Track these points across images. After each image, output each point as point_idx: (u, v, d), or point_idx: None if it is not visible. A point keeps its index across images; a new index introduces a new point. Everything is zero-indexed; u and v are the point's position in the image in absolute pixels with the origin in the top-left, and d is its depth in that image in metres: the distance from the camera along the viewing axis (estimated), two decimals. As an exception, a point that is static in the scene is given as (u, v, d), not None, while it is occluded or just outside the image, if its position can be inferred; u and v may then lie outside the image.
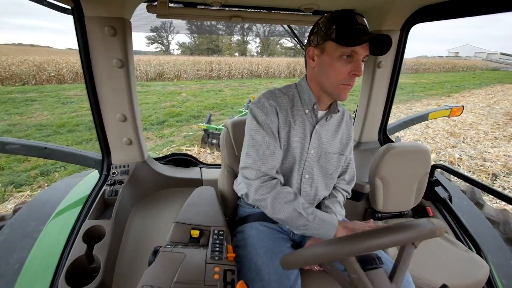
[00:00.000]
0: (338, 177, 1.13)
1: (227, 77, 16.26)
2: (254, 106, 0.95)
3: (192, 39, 43.70)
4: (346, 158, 1.10)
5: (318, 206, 1.09)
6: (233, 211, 1.24)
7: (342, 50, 0.81)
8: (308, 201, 1.03)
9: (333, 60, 0.83)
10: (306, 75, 0.99)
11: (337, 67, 0.83)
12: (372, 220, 0.97)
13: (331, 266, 0.64)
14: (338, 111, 0.99)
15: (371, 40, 0.81)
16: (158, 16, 1.31)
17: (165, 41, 43.77)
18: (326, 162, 1.02)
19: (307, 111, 0.96)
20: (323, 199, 1.09)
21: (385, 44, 0.82)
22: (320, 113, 0.98)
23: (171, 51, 44.43)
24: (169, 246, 0.83)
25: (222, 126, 4.66)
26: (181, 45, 45.89)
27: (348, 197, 1.18)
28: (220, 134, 4.99)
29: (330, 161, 1.03)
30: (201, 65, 15.95)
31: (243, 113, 5.96)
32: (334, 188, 1.13)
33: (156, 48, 43.87)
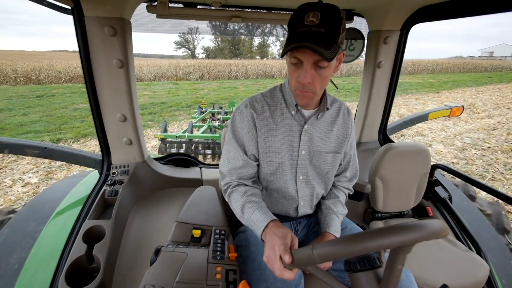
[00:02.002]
0: (339, 174, 1.11)
1: (243, 77, 18.19)
2: (235, 113, 0.96)
3: (216, 43, 47.37)
4: (346, 155, 1.06)
5: (318, 205, 1.09)
6: None
7: (289, 57, 0.79)
8: (307, 201, 1.03)
9: (288, 65, 0.83)
10: None
11: (290, 73, 0.83)
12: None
13: (318, 271, 0.64)
14: (328, 108, 0.96)
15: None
16: (158, 16, 1.31)
17: (191, 46, 47.66)
18: (320, 161, 0.99)
19: (293, 112, 0.93)
20: (323, 198, 1.09)
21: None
22: (309, 112, 0.95)
23: (197, 55, 48.27)
24: (171, 246, 0.83)
25: (182, 133, 4.45)
26: (206, 49, 49.61)
27: (351, 194, 1.16)
28: (179, 142, 4.39)
29: (324, 160, 0.99)
30: (221, 67, 18.23)
31: (198, 118, 6.03)
32: (335, 186, 1.11)
33: (183, 52, 48.51)
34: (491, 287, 1.22)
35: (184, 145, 4.31)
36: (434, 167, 1.58)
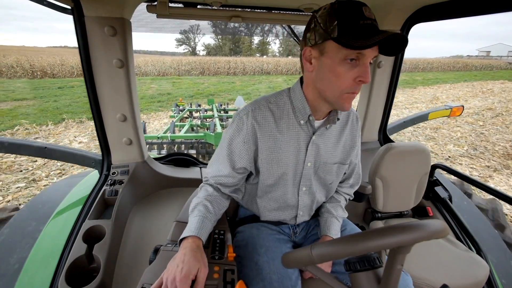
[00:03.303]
0: (342, 181, 1.09)
1: (241, 74, 19.82)
2: (235, 119, 0.88)
3: (216, 41, 49.62)
4: (351, 163, 1.03)
5: (318, 209, 1.09)
6: (234, 211, 1.24)
7: (346, 52, 0.67)
8: (306, 210, 1.02)
9: (335, 64, 0.70)
10: (301, 78, 0.86)
11: (341, 72, 0.70)
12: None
13: (320, 272, 0.64)
14: (338, 119, 0.88)
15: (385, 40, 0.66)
16: (158, 16, 1.31)
17: (192, 43, 49.78)
18: (324, 173, 0.94)
19: (302, 121, 0.85)
20: (324, 202, 1.08)
21: (397, 41, 0.67)
22: (318, 122, 0.88)
23: (197, 52, 50.58)
24: (170, 245, 0.83)
25: (163, 134, 4.30)
26: (207, 47, 51.88)
27: (351, 199, 1.16)
28: (160, 143, 4.25)
29: (329, 171, 0.94)
30: (221, 64, 19.81)
31: (177, 117, 5.82)
32: (337, 192, 1.09)
33: (184, 49, 50.90)
34: (491, 287, 1.22)
35: (165, 146, 4.14)
36: (434, 167, 1.58)
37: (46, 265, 0.99)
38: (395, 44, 0.68)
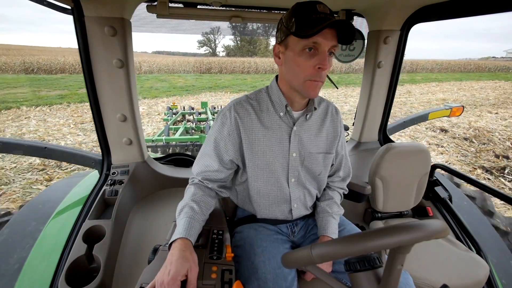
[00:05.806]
0: (333, 175, 1.10)
1: (254, 72, 22.94)
2: (219, 116, 0.93)
3: (235, 42, 53.22)
4: (338, 154, 1.05)
5: (315, 206, 1.09)
6: (233, 212, 1.24)
7: (303, 43, 0.76)
8: (300, 203, 1.02)
9: (296, 55, 0.79)
10: (276, 76, 0.94)
11: (301, 62, 0.79)
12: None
13: (320, 271, 0.64)
14: (315, 108, 0.94)
15: (340, 29, 0.75)
16: (158, 16, 1.31)
17: (212, 45, 53.78)
18: (311, 163, 0.97)
19: (281, 113, 0.91)
20: (318, 200, 1.08)
21: (350, 29, 0.75)
22: (297, 113, 0.93)
23: (217, 53, 54.18)
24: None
25: (158, 136, 4.28)
26: (226, 48, 56.00)
27: (345, 193, 1.15)
28: (155, 146, 4.29)
29: (315, 162, 0.97)
30: (237, 64, 23.18)
31: (172, 120, 5.82)
32: (329, 187, 1.10)
33: (205, 50, 54.66)
34: (491, 287, 1.22)
35: (159, 149, 4.12)
36: (434, 167, 1.58)
37: (46, 265, 0.99)
38: (349, 32, 0.75)
